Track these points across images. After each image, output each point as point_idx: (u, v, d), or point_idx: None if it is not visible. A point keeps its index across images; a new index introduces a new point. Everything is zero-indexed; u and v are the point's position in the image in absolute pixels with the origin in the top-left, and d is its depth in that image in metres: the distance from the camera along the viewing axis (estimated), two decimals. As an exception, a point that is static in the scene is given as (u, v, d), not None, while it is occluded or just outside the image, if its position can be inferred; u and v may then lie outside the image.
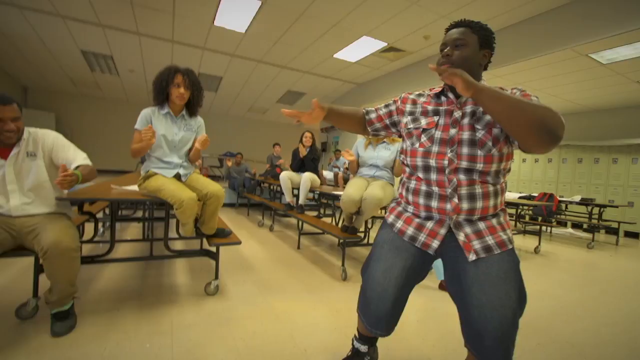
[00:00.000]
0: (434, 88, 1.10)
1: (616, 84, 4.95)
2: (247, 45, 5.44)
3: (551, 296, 2.49)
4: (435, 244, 1.01)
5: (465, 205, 0.95)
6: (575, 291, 2.67)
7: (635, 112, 5.92)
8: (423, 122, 1.03)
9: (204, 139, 1.82)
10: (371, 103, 6.75)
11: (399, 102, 1.14)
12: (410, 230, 1.05)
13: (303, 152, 3.72)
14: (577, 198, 5.42)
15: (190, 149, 1.95)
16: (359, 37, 4.82)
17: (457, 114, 0.97)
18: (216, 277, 2.04)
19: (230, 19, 4.59)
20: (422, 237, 1.03)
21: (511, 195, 5.76)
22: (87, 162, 1.59)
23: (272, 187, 4.92)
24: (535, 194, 5.56)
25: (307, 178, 3.41)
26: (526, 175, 7.56)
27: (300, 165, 3.77)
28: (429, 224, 1.02)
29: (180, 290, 2.08)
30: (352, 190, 2.39)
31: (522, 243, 4.59)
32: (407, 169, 1.09)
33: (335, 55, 5.60)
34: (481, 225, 0.97)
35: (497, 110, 0.82)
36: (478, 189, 0.95)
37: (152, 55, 5.96)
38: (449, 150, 0.95)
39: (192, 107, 1.91)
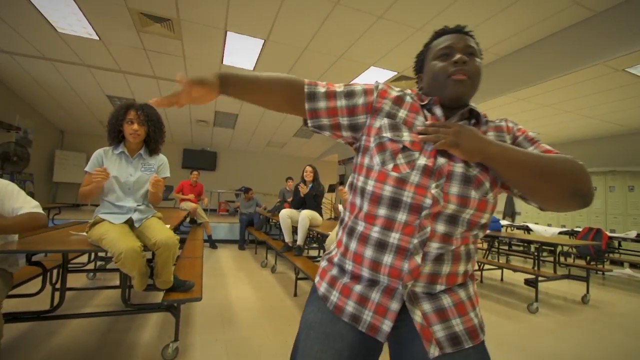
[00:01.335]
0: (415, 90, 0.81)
1: (667, 102, 4.34)
2: (258, 82, 5.51)
3: (605, 370, 1.92)
4: (386, 326, 0.68)
5: (427, 269, 0.66)
6: (639, 362, 2.06)
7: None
8: (406, 136, 0.71)
9: (154, 180, 1.63)
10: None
11: (375, 94, 0.76)
12: (350, 306, 0.71)
13: (304, 190, 3.48)
14: (633, 234, 4.61)
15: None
16: (366, 68, 4.71)
17: None
18: (176, 339, 1.76)
19: (238, 58, 4.68)
20: (367, 317, 0.69)
21: (550, 230, 5.06)
22: (36, 210, 1.45)
23: (277, 224, 4.67)
24: (579, 229, 4.83)
25: (305, 216, 3.13)
26: (568, 206, 6.72)
27: (301, 202, 3.52)
28: (375, 295, 0.69)
29: (137, 352, 1.81)
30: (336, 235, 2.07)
31: (567, 289, 3.87)
32: (358, 201, 0.74)
33: (345, 87, 5.50)
34: (446, 300, 0.68)
35: (516, 179, 0.66)
36: (449, 248, 0.67)
37: (170, 96, 6.21)
38: (433, 185, 0.67)
39: (151, 145, 1.76)
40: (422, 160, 0.68)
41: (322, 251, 3.41)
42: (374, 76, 4.96)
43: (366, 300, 0.70)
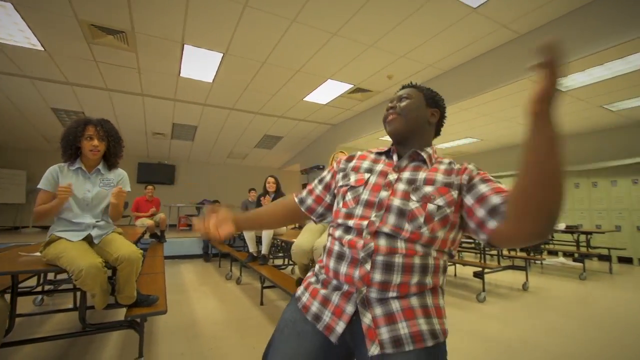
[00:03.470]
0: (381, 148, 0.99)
1: (581, 110, 5.03)
2: (217, 94, 5.50)
3: (539, 346, 2.19)
4: (339, 327, 0.75)
5: (377, 276, 0.73)
6: (567, 336, 2.38)
7: (609, 135, 5.97)
8: (352, 178, 0.89)
9: (117, 191, 1.63)
10: (348, 142, 6.76)
11: (334, 165, 1.00)
12: (314, 306, 0.81)
13: (267, 201, 3.55)
14: (562, 226, 5.24)
15: (108, 206, 1.75)
16: (323, 80, 4.90)
17: (392, 176, 0.83)
18: (140, 355, 1.73)
19: (196, 70, 4.65)
20: (326, 317, 0.78)
21: (496, 227, 5.56)
22: None
23: (241, 235, 4.65)
24: (520, 224, 5.36)
25: (269, 225, 3.19)
26: (511, 204, 7.42)
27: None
28: (335, 297, 0.78)
29: (98, 373, 1.75)
30: (303, 239, 2.18)
31: (512, 279, 4.30)
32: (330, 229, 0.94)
33: (305, 99, 5.67)
34: (394, 305, 0.73)
35: (539, 161, 0.60)
36: (398, 259, 0.73)
37: (124, 108, 5.98)
38: (374, 214, 0.78)
39: (110, 160, 1.75)
40: (365, 195, 0.82)
41: (287, 259, 3.47)
42: (332, 88, 5.18)
43: (328, 302, 0.79)
